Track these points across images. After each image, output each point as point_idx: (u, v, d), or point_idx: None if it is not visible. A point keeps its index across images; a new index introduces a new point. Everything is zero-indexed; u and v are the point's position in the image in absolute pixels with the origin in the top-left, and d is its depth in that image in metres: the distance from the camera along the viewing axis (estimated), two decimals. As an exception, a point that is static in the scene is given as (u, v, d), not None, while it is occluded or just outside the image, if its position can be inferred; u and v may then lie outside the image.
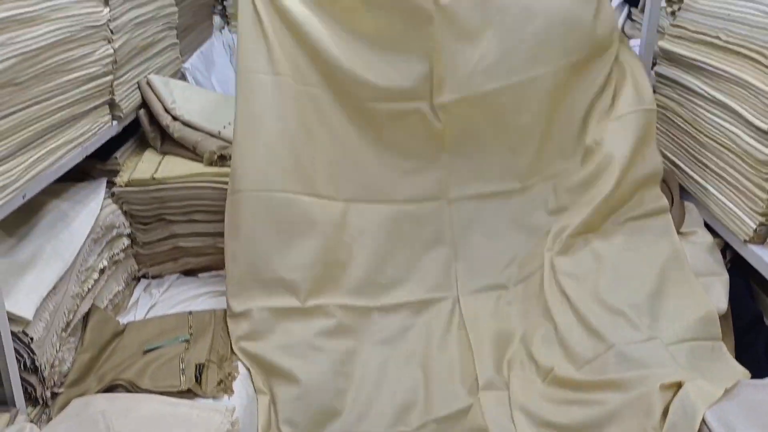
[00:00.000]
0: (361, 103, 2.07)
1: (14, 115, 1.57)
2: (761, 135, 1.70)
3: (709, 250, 1.95)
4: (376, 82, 2.04)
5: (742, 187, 1.80)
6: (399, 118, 2.08)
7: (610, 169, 1.95)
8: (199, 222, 2.28)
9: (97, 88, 1.96)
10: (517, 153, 2.09)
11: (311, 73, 2.04)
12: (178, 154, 2.37)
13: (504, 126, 2.08)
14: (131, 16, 2.20)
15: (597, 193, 1.96)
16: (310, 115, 2.05)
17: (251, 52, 1.98)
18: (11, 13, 1.52)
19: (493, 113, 2.07)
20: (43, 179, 1.72)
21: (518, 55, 2.01)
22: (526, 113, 2.06)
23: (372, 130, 2.10)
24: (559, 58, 2.01)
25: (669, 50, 2.11)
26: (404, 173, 2.12)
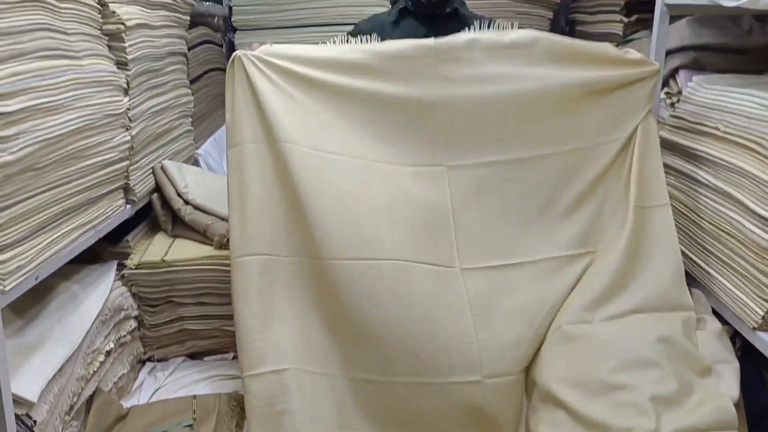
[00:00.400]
0: (367, 163, 2.01)
1: (32, 199, 1.62)
2: (764, 222, 1.72)
3: (718, 338, 1.93)
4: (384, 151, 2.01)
5: (748, 274, 1.80)
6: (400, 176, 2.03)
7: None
8: (208, 305, 2.29)
9: (113, 173, 2.02)
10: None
11: (305, 138, 1.98)
12: (189, 237, 2.40)
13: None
14: (149, 105, 2.29)
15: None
16: (307, 177, 1.97)
17: (239, 123, 1.98)
18: (36, 102, 1.58)
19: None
20: (55, 261, 1.75)
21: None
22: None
23: (378, 190, 2.01)
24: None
25: (670, 140, 2.16)
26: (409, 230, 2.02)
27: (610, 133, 2.04)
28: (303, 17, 3.56)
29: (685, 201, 2.09)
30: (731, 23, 2.38)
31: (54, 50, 1.71)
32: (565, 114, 2.03)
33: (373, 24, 2.51)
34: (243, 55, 1.97)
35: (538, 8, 3.58)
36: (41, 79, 1.62)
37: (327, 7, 3.53)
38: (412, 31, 2.43)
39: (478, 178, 2.02)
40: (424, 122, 2.01)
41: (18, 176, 1.55)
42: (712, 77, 2.13)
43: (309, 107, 1.98)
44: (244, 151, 1.96)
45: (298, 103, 1.98)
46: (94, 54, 1.91)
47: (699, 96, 2.08)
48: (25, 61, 1.57)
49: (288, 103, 1.98)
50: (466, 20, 2.46)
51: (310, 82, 1.98)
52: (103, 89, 1.93)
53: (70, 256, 1.84)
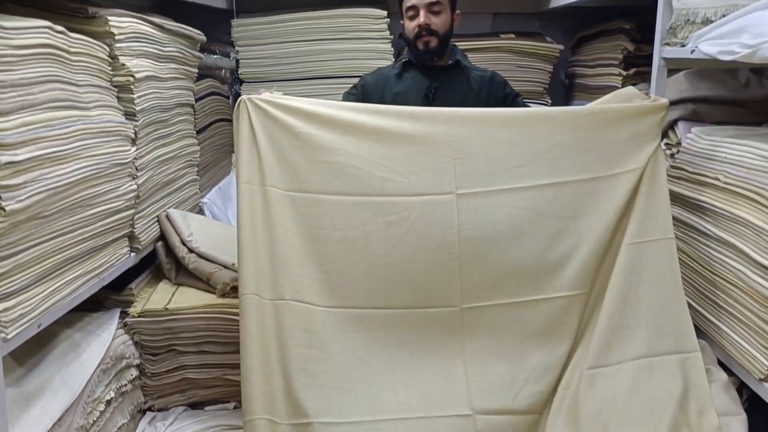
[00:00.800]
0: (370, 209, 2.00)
1: (37, 247, 1.63)
2: (767, 273, 1.72)
3: (725, 389, 1.91)
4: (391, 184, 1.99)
5: (752, 325, 1.80)
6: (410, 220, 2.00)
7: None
8: (210, 353, 2.28)
9: (119, 221, 2.03)
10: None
11: (311, 179, 2.00)
12: (192, 286, 2.41)
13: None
14: (156, 154, 2.32)
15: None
16: (306, 221, 2.00)
17: (246, 164, 2.00)
18: (44, 152, 1.61)
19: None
20: (58, 309, 1.75)
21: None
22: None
23: (378, 236, 1.99)
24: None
25: (671, 190, 2.18)
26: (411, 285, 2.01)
27: (622, 164, 2.02)
28: (308, 70, 3.63)
29: (687, 251, 2.10)
30: (728, 76, 2.42)
31: (64, 101, 1.74)
32: (575, 143, 2.02)
33: (378, 77, 2.57)
34: (248, 98, 2.01)
35: (538, 61, 3.64)
36: (50, 129, 1.65)
37: (331, 60, 3.61)
38: (416, 82, 2.49)
39: (487, 206, 1.99)
40: (433, 151, 1.99)
41: (24, 224, 1.56)
42: (710, 128, 2.16)
43: (311, 145, 1.99)
44: (244, 191, 1.98)
45: (301, 141, 1.99)
46: (103, 105, 1.95)
47: (698, 147, 2.10)
48: (35, 112, 1.60)
49: (290, 142, 1.99)
50: (468, 72, 2.51)
51: (314, 118, 2.00)
52: (111, 139, 1.96)
53: (74, 304, 1.84)
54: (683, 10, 2.02)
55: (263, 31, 3.61)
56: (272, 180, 1.98)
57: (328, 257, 1.98)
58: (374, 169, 1.98)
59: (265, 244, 1.96)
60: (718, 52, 1.79)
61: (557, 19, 4.02)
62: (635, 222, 1.99)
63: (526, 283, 2.00)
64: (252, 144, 1.99)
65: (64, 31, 1.76)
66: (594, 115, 2.04)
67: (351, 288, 1.98)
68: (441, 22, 2.41)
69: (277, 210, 1.97)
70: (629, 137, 2.01)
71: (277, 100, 2.02)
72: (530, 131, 2.02)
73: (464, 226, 1.98)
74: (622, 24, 3.22)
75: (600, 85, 3.41)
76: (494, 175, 2.00)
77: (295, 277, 1.96)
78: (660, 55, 2.17)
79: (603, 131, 2.02)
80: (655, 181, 2.01)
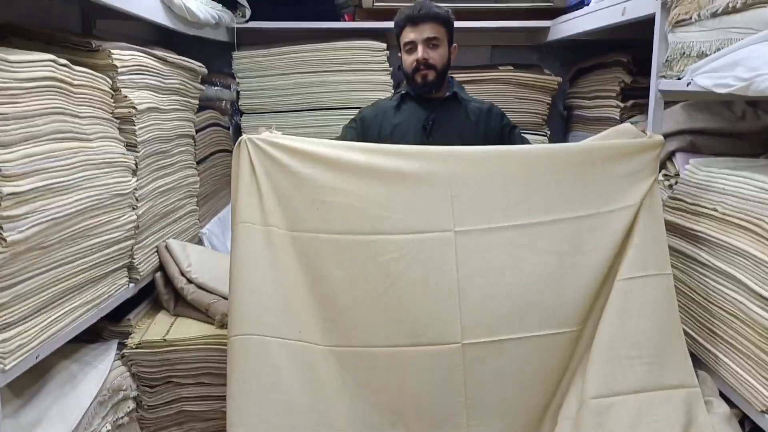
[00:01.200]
0: (371, 255, 2.00)
1: (37, 278, 1.63)
2: (767, 303, 1.72)
3: (727, 421, 1.89)
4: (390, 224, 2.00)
5: (753, 356, 1.79)
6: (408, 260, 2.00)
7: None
8: (208, 385, 2.26)
9: (118, 252, 2.03)
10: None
11: (311, 219, 2.01)
12: (191, 317, 2.40)
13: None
14: (156, 185, 2.33)
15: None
16: (307, 261, 2.00)
17: (245, 204, 2.01)
18: (47, 183, 1.62)
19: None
20: (57, 340, 1.74)
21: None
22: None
23: (378, 274, 2.00)
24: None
25: (669, 221, 2.18)
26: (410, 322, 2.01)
27: (619, 200, 2.03)
28: (307, 101, 3.67)
29: (687, 281, 2.10)
30: (725, 108, 2.44)
31: (66, 133, 1.75)
32: (570, 180, 2.03)
33: (376, 109, 2.59)
34: (248, 138, 2.02)
35: (536, 93, 3.68)
36: (53, 161, 1.66)
37: (331, 92, 3.64)
38: (414, 114, 2.52)
39: (486, 244, 2.00)
40: (431, 190, 2.00)
41: (24, 255, 1.56)
42: (708, 160, 2.18)
43: (311, 185, 2.00)
44: (243, 230, 1.99)
45: (301, 181, 2.00)
46: (105, 136, 1.96)
47: (696, 178, 2.11)
48: (38, 143, 1.61)
49: (290, 182, 2.00)
50: (465, 104, 2.54)
51: (313, 158, 2.00)
52: (112, 170, 1.97)
53: (72, 335, 1.83)
54: (678, 44, 2.05)
55: (263, 64, 3.65)
56: (273, 219, 1.99)
57: (330, 296, 1.99)
58: (373, 208, 1.99)
59: (265, 284, 1.97)
60: (713, 85, 1.81)
61: (555, 51, 4.07)
62: (631, 257, 2.00)
63: (526, 318, 2.00)
64: (252, 184, 2.01)
65: (68, 64, 1.78)
66: (590, 152, 2.05)
67: (353, 326, 1.98)
68: (439, 56, 2.45)
69: (278, 250, 1.98)
70: (625, 174, 2.03)
71: (276, 140, 2.03)
72: (527, 168, 2.03)
73: (463, 263, 1.98)
74: (619, 57, 3.26)
75: (598, 117, 3.44)
76: (492, 213, 2.01)
77: (296, 317, 1.97)
78: (657, 87, 2.19)
79: (599, 168, 2.04)
80: (652, 216, 2.02)
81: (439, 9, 2.44)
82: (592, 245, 2.02)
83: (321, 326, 1.97)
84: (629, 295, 1.98)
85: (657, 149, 2.04)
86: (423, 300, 1.98)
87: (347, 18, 3.78)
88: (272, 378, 1.92)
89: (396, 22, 2.49)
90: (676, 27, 2.05)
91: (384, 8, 3.54)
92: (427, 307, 1.98)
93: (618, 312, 1.97)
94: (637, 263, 1.99)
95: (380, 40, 3.61)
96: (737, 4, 1.74)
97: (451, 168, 2.01)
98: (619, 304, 1.98)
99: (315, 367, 1.95)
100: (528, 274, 2.00)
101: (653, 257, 2.00)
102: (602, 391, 1.91)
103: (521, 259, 2.00)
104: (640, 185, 2.03)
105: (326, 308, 1.98)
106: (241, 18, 3.53)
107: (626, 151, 2.04)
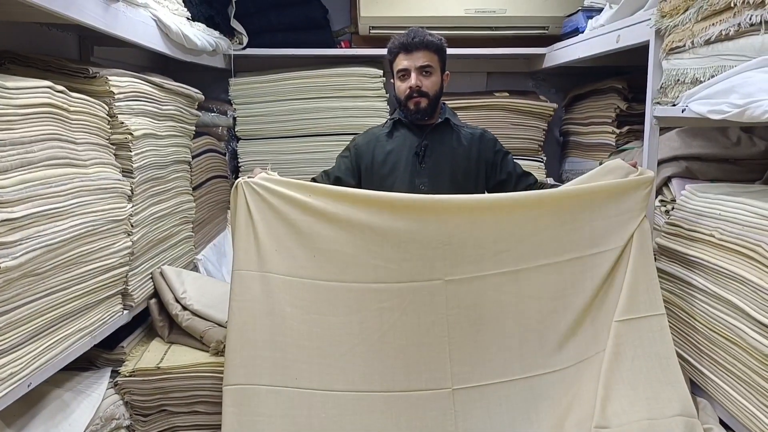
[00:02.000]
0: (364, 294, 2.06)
1: (30, 304, 1.61)
2: (765, 330, 1.71)
3: (727, 449, 1.88)
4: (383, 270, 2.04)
5: (752, 382, 1.78)
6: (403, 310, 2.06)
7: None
8: (202, 413, 2.23)
9: (112, 278, 2.02)
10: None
11: (308, 265, 2.06)
12: (185, 344, 2.38)
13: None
14: (152, 211, 2.32)
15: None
16: (304, 306, 2.05)
17: (242, 251, 2.05)
18: (41, 209, 1.61)
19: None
20: (49, 368, 1.72)
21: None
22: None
23: (372, 321, 2.05)
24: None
25: (667, 246, 2.19)
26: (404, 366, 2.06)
27: (606, 242, 2.07)
28: (303, 128, 3.68)
29: (685, 307, 2.09)
30: (720, 134, 2.46)
31: (62, 159, 1.75)
32: (560, 224, 2.07)
33: (369, 137, 2.60)
34: (245, 182, 2.07)
35: (532, 119, 3.70)
36: (48, 187, 1.65)
37: (327, 118, 3.66)
38: (406, 141, 2.52)
39: (475, 292, 2.05)
40: (424, 240, 2.04)
41: (18, 281, 1.55)
42: (704, 186, 2.19)
43: (308, 233, 2.05)
44: (240, 278, 2.04)
45: (298, 229, 2.05)
46: (100, 162, 1.96)
47: (692, 204, 2.12)
48: (34, 169, 1.61)
49: (287, 229, 2.05)
50: (458, 130, 2.55)
51: (310, 209, 2.05)
52: (108, 196, 1.96)
53: (64, 363, 1.81)
54: (673, 71, 2.06)
55: (260, 90, 3.67)
56: (270, 265, 2.04)
57: (327, 342, 2.03)
58: (368, 257, 2.04)
59: (261, 333, 2.01)
60: (708, 111, 1.82)
61: (550, 78, 4.10)
62: (625, 298, 2.03)
63: (513, 363, 2.05)
64: (249, 229, 2.05)
65: (65, 90, 1.78)
66: (580, 197, 2.09)
67: (350, 372, 2.02)
68: (431, 83, 2.45)
69: (275, 295, 2.03)
70: (615, 215, 2.07)
71: (273, 186, 2.07)
72: (517, 216, 2.07)
73: (453, 311, 2.04)
74: (614, 83, 3.29)
75: (594, 143, 3.46)
76: (481, 261, 2.06)
77: (292, 364, 2.01)
78: (652, 113, 2.20)
79: (589, 211, 2.07)
80: (642, 255, 2.06)
81: (432, 37, 2.45)
82: (580, 288, 2.06)
83: (318, 371, 2.01)
84: (623, 338, 2.00)
85: (648, 186, 2.08)
86: (415, 348, 2.03)
87: (344, 45, 3.82)
88: (266, 427, 1.96)
89: (389, 49, 2.50)
90: (670, 54, 2.07)
91: (380, 35, 3.58)
92: (419, 354, 2.03)
93: (614, 354, 1.99)
94: (631, 304, 2.02)
95: (376, 66, 3.64)
96: (730, 32, 1.75)
97: (443, 219, 2.05)
98: (614, 346, 2.00)
99: (312, 413, 1.98)
100: (513, 320, 2.06)
101: (647, 298, 2.03)
102: (601, 423, 1.90)
103: (507, 305, 2.06)
104: (630, 225, 2.07)
105: (323, 354, 2.02)
106: (238, 45, 3.55)
107: (617, 191, 2.08)
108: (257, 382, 1.98)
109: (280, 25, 3.62)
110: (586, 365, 2.02)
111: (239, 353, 2.00)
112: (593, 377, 1.99)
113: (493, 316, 2.05)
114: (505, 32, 3.64)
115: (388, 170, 2.50)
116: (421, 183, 2.46)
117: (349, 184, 2.52)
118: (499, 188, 2.56)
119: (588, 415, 1.92)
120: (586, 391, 1.98)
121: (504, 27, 3.62)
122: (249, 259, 2.04)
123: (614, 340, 1.99)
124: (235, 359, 2.00)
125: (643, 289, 2.03)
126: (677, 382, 1.96)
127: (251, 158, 3.70)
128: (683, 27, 1.98)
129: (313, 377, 2.00)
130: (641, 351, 1.98)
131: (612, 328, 2.00)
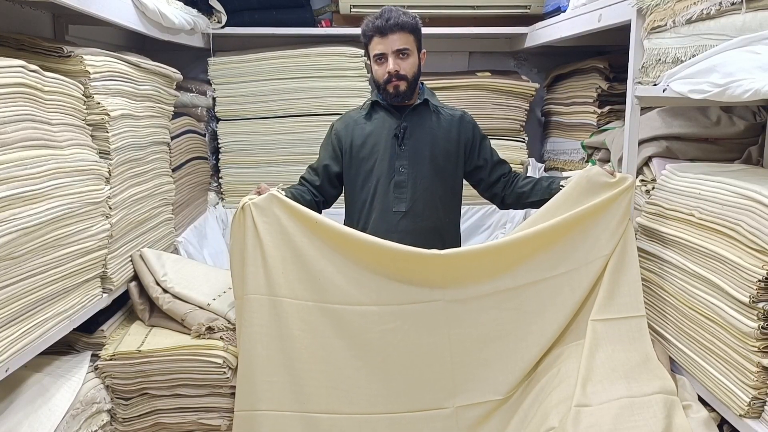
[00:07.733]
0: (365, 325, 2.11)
1: (6, 289, 1.59)
2: (743, 308, 1.72)
3: (705, 425, 1.90)
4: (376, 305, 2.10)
5: (731, 360, 1.79)
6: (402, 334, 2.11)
7: None
8: (184, 396, 2.22)
9: (90, 261, 1.99)
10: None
11: (314, 289, 2.10)
12: (166, 327, 2.36)
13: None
14: (130, 193, 2.29)
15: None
16: (310, 329, 2.09)
17: (251, 275, 2.08)
18: (15, 192, 1.58)
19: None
20: (28, 353, 1.70)
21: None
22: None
23: (376, 343, 2.10)
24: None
25: (647, 226, 2.20)
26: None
27: (595, 252, 2.12)
28: (284, 108, 3.64)
29: (664, 285, 2.11)
30: (700, 114, 2.47)
31: (37, 140, 1.72)
32: (552, 250, 2.12)
33: (346, 121, 2.56)
34: (253, 204, 2.09)
35: (514, 99, 3.70)
36: (23, 169, 1.62)
37: (308, 98, 3.62)
38: (385, 123, 2.49)
39: (475, 310, 2.10)
40: (425, 266, 2.09)
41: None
42: (684, 165, 2.19)
43: (314, 258, 2.09)
44: (250, 303, 2.08)
45: (304, 255, 2.09)
46: (76, 144, 1.93)
47: (673, 183, 2.13)
48: (8, 151, 1.58)
49: (294, 253, 2.09)
50: (437, 111, 2.52)
51: (311, 231, 2.10)
52: (84, 178, 1.93)
53: (43, 347, 1.79)
54: (654, 50, 2.06)
55: (240, 70, 3.62)
56: (278, 289, 2.08)
57: (332, 365, 2.08)
58: (371, 281, 2.09)
59: (271, 358, 2.06)
60: (689, 90, 1.82)
61: (532, 58, 4.10)
62: (603, 299, 2.07)
63: (515, 379, 2.09)
64: (257, 251, 2.09)
65: (38, 70, 1.74)
66: (569, 225, 2.12)
67: (354, 394, 2.07)
68: (409, 66, 2.40)
69: (283, 319, 2.07)
70: (603, 227, 2.12)
71: (281, 209, 2.10)
72: (512, 253, 2.12)
73: (454, 330, 2.10)
74: (596, 63, 3.29)
75: (575, 123, 3.46)
76: (479, 283, 2.11)
77: (302, 389, 2.06)
78: (633, 93, 2.20)
79: (578, 233, 2.12)
80: (625, 257, 2.11)
81: (407, 17, 2.37)
82: (571, 298, 2.11)
83: (325, 395, 2.06)
84: (600, 334, 2.04)
85: (630, 192, 2.13)
86: (418, 368, 2.08)
87: (324, 24, 3.77)
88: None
89: (363, 32, 2.42)
90: (651, 33, 2.07)
91: (361, 14, 3.51)
92: (422, 374, 2.08)
93: (592, 347, 2.02)
94: (611, 305, 2.07)
95: (357, 46, 3.60)
96: (711, 11, 1.75)
97: (444, 259, 2.10)
98: (592, 340, 2.03)
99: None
100: (513, 336, 2.10)
101: (627, 300, 2.08)
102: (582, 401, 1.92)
103: (506, 321, 2.10)
104: (616, 232, 2.12)
105: (329, 377, 2.07)
106: (216, 24, 3.49)
107: (602, 207, 2.12)
108: (267, 408, 2.04)
109: (259, 4, 3.56)
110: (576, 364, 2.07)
111: (249, 379, 2.06)
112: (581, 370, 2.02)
113: (492, 333, 2.10)
114: (487, 11, 3.62)
115: (367, 153, 2.47)
116: (401, 165, 2.43)
117: (336, 171, 2.51)
118: (475, 173, 2.57)
119: (568, 395, 1.94)
120: (570, 376, 2.01)
121: (486, 6, 3.59)
122: (258, 283, 2.07)
123: (591, 335, 2.03)
124: (244, 385, 2.07)
125: (624, 291, 2.08)
126: (657, 368, 1.99)
127: (231, 139, 3.66)
128: (665, 6, 1.97)
129: (320, 401, 2.05)
130: (620, 346, 2.02)
131: (588, 326, 2.04)
